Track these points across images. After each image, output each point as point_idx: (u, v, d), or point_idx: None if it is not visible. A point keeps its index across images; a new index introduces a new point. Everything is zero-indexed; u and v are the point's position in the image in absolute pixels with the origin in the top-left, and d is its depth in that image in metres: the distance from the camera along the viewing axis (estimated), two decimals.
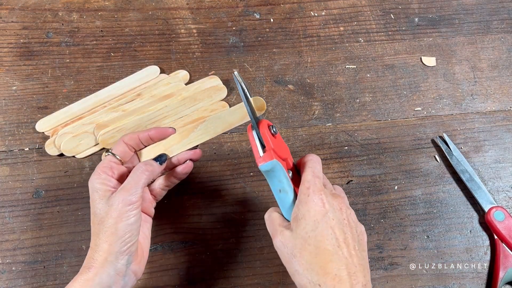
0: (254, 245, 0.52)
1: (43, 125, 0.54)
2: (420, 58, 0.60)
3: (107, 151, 0.44)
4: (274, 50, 0.60)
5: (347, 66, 0.60)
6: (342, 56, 0.60)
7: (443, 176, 0.55)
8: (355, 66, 0.60)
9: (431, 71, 0.60)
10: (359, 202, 0.53)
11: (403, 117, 0.57)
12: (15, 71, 0.57)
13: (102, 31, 0.60)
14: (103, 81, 0.57)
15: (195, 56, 0.59)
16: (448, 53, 0.61)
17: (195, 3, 0.62)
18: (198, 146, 0.49)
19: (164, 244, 0.51)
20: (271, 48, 0.60)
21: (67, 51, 0.59)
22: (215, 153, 0.55)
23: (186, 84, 0.57)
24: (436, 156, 0.56)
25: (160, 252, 0.51)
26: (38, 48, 0.59)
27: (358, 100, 0.58)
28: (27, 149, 0.54)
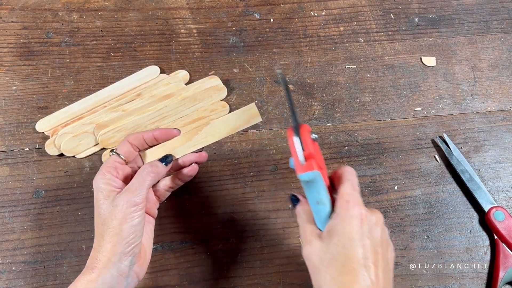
0: (254, 245, 0.52)
1: (43, 125, 0.54)
2: (420, 58, 0.60)
3: (112, 150, 0.43)
4: (274, 50, 0.60)
5: (347, 66, 0.60)
6: (342, 56, 0.60)
7: (443, 176, 0.55)
8: (355, 66, 0.60)
9: (431, 71, 0.60)
10: None
11: (403, 117, 0.57)
12: (15, 71, 0.57)
13: (102, 31, 0.60)
14: (103, 81, 0.57)
15: (195, 56, 0.59)
16: (448, 53, 0.61)
17: (195, 3, 0.62)
18: (203, 148, 0.48)
19: (164, 244, 0.51)
20: (271, 48, 0.60)
21: (67, 51, 0.59)
22: (215, 153, 0.55)
23: (186, 84, 0.57)
24: (436, 156, 0.56)
25: (160, 252, 0.51)
26: (38, 48, 0.59)
27: (358, 100, 0.58)
28: (27, 149, 0.54)
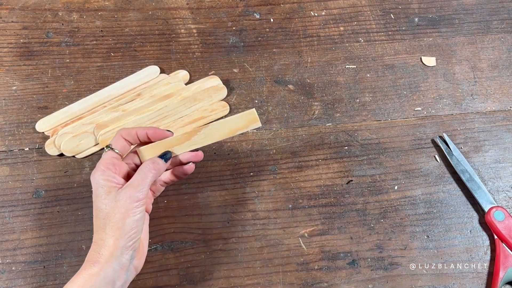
0: (254, 245, 0.52)
1: (43, 125, 0.54)
2: (420, 58, 0.60)
3: (107, 146, 0.43)
4: (274, 50, 0.60)
5: (347, 66, 0.60)
6: (342, 56, 0.60)
7: (443, 176, 0.55)
8: (355, 66, 0.60)
9: (431, 71, 0.60)
10: (359, 202, 0.53)
11: (403, 117, 0.57)
12: (15, 71, 0.57)
13: (102, 31, 0.60)
14: (103, 81, 0.57)
15: (195, 56, 0.59)
16: (448, 53, 0.61)
17: (195, 3, 0.62)
18: (199, 149, 0.48)
19: (164, 244, 0.51)
20: (271, 48, 0.60)
21: (67, 51, 0.59)
22: (215, 153, 0.55)
23: (186, 84, 0.57)
24: (436, 156, 0.56)
25: (160, 252, 0.51)
26: (38, 48, 0.59)
27: (358, 100, 0.58)
28: (27, 149, 0.54)
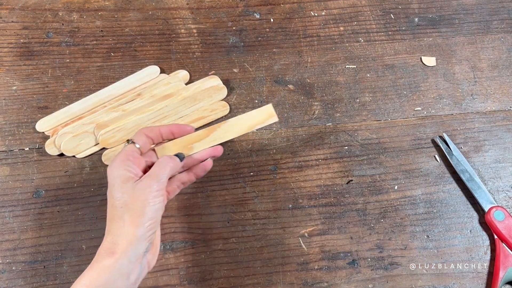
0: (254, 245, 0.52)
1: (43, 125, 0.54)
2: (420, 58, 0.60)
3: (128, 140, 0.43)
4: (274, 50, 0.60)
5: (347, 66, 0.60)
6: (342, 56, 0.60)
7: (443, 176, 0.55)
8: (355, 66, 0.60)
9: (431, 71, 0.60)
10: (359, 202, 0.53)
11: (403, 117, 0.57)
12: (15, 71, 0.57)
13: (102, 31, 0.60)
14: (103, 81, 0.57)
15: (195, 56, 0.59)
16: (448, 53, 0.61)
17: (195, 3, 0.62)
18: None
19: (164, 244, 0.51)
20: (271, 48, 0.60)
21: (67, 51, 0.59)
22: None
23: (186, 84, 0.57)
24: (436, 156, 0.56)
25: (160, 252, 0.51)
26: (38, 48, 0.59)
27: (358, 100, 0.58)
28: (27, 149, 0.54)
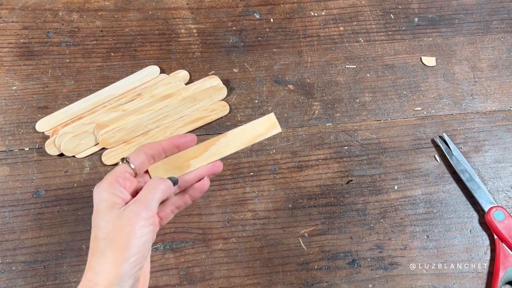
0: (254, 245, 0.52)
1: (43, 125, 0.54)
2: (420, 58, 0.60)
3: (123, 159, 0.39)
4: (274, 50, 0.60)
5: (347, 66, 0.60)
6: (342, 56, 0.60)
7: (443, 176, 0.55)
8: (355, 66, 0.60)
9: (431, 71, 0.60)
10: (359, 202, 0.53)
11: (403, 117, 0.57)
12: (15, 71, 0.57)
13: (102, 31, 0.60)
14: (103, 81, 0.57)
15: (195, 56, 0.59)
16: (448, 53, 0.61)
17: (195, 3, 0.62)
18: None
19: (164, 244, 0.51)
20: (271, 48, 0.60)
21: (67, 51, 0.59)
22: None
23: (186, 84, 0.57)
24: (436, 156, 0.56)
25: (160, 252, 0.51)
26: (38, 48, 0.59)
27: (358, 100, 0.58)
28: (27, 149, 0.54)
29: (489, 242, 0.52)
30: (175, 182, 0.39)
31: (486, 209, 0.52)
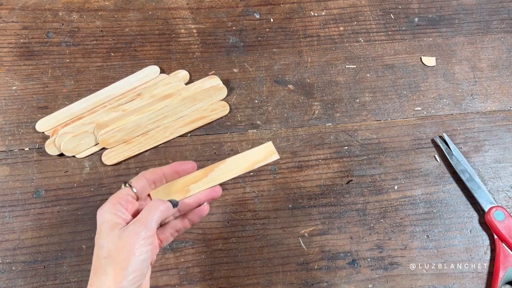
0: (254, 245, 0.52)
1: (43, 125, 0.54)
2: (420, 58, 0.60)
3: (125, 183, 0.40)
4: (274, 50, 0.60)
5: (347, 66, 0.60)
6: (342, 56, 0.60)
7: (443, 176, 0.55)
8: (355, 66, 0.60)
9: (431, 71, 0.60)
10: (359, 202, 0.53)
11: (403, 117, 0.57)
12: (15, 71, 0.57)
13: (102, 31, 0.60)
14: (103, 81, 0.57)
15: (195, 56, 0.59)
16: (448, 53, 0.61)
17: (195, 3, 0.62)
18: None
19: None
20: (271, 48, 0.60)
21: (67, 51, 0.59)
22: (215, 153, 0.55)
23: (186, 84, 0.57)
24: (436, 156, 0.56)
25: (160, 252, 0.51)
26: (38, 48, 0.59)
27: (358, 100, 0.58)
28: (27, 149, 0.54)
29: (489, 242, 0.52)
30: (175, 204, 0.40)
31: (486, 209, 0.52)
